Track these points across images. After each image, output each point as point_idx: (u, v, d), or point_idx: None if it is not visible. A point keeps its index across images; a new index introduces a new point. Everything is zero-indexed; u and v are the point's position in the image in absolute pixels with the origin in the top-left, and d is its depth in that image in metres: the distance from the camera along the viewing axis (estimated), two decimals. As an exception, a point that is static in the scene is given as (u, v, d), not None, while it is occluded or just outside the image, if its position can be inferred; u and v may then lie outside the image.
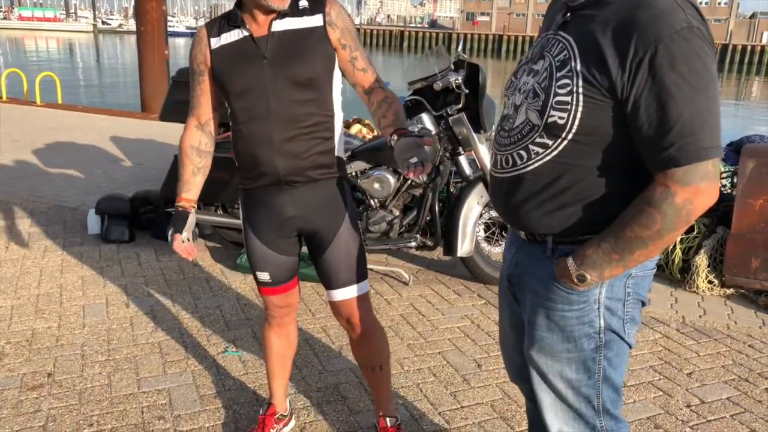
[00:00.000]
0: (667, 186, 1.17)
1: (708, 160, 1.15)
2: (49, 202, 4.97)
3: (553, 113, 1.25)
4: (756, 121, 19.30)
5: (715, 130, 1.16)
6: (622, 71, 1.16)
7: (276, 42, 1.77)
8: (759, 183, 3.61)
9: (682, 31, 1.13)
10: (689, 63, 1.13)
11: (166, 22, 10.23)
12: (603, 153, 1.24)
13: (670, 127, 1.15)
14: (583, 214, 1.29)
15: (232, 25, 1.82)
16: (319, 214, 1.91)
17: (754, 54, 56.76)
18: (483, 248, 3.76)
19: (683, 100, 1.13)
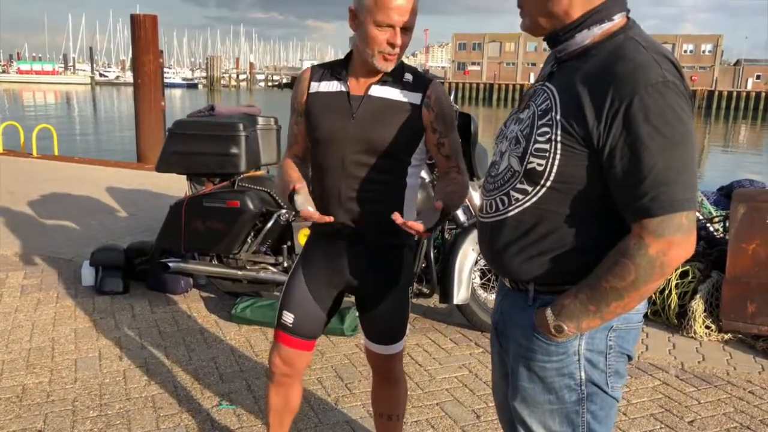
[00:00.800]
0: (642, 237, 1.17)
1: (682, 212, 1.15)
2: (44, 254, 4.95)
3: (532, 160, 1.27)
4: (745, 166, 19.55)
5: (690, 183, 1.16)
6: (599, 122, 1.19)
7: (369, 105, 1.82)
8: (751, 227, 3.64)
9: (657, 84, 1.15)
10: (663, 116, 1.15)
11: (162, 75, 10.41)
12: (580, 201, 1.26)
13: (643, 178, 1.16)
14: (563, 261, 1.30)
15: (335, 76, 1.88)
16: (371, 277, 1.94)
17: (740, 100, 57.97)
18: (479, 295, 3.75)
19: (657, 151, 1.15)
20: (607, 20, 1.27)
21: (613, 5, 1.28)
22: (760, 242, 3.61)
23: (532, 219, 1.31)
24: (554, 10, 1.29)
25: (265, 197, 3.71)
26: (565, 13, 1.29)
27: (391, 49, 1.75)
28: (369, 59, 1.78)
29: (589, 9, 1.27)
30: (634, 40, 1.23)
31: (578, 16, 1.28)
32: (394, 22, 1.72)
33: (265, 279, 3.75)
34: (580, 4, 1.28)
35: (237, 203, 3.55)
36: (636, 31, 1.27)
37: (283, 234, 3.75)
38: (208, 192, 3.70)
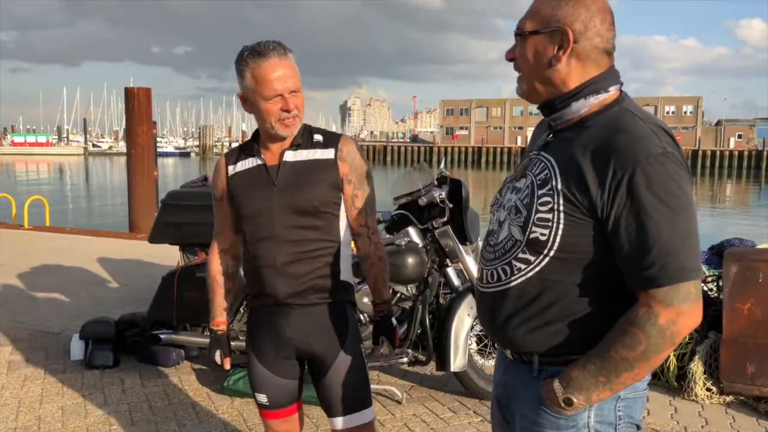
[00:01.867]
0: (650, 306, 1.18)
1: (689, 281, 1.16)
2: (32, 327, 4.86)
3: (535, 229, 1.27)
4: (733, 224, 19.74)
5: (695, 251, 1.18)
6: (602, 191, 1.20)
7: (287, 171, 1.89)
8: (744, 287, 3.64)
9: (658, 156, 1.18)
10: (665, 185, 1.17)
11: (155, 145, 10.55)
12: (585, 270, 1.26)
13: (650, 247, 1.17)
14: (569, 332, 1.28)
15: (248, 154, 1.96)
16: (317, 338, 1.93)
17: (724, 158, 59.15)
18: (476, 361, 3.69)
19: (662, 221, 1.16)
20: (603, 91, 1.31)
21: (609, 77, 1.32)
22: (755, 301, 3.60)
23: (535, 289, 1.30)
24: (552, 78, 1.32)
25: (259, 266, 3.69)
26: (562, 82, 1.32)
27: (287, 114, 1.84)
28: (271, 131, 1.87)
29: (586, 80, 1.31)
30: (630, 112, 1.27)
31: (575, 86, 1.31)
32: (280, 91, 1.81)
33: (258, 349, 3.68)
34: (578, 74, 1.31)
35: (230, 273, 3.52)
36: (629, 102, 1.31)
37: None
38: (200, 262, 3.68)
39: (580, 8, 1.28)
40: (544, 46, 1.31)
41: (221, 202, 2.00)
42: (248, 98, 1.87)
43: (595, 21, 1.28)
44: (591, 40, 1.29)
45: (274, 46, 1.82)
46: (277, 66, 1.80)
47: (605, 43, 1.30)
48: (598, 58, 1.30)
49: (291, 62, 1.84)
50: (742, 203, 29.90)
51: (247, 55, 1.82)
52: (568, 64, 1.30)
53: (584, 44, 1.29)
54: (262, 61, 1.80)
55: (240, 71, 1.85)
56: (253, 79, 1.81)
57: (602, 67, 1.31)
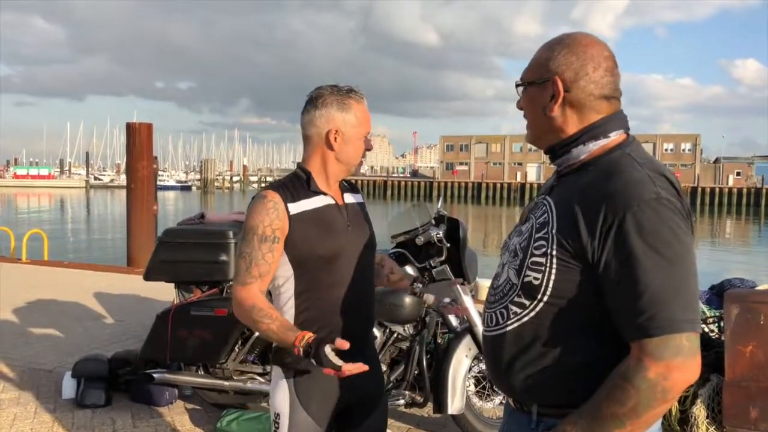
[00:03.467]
0: (640, 359, 1.13)
1: (681, 333, 1.11)
2: (24, 364, 4.79)
3: (529, 273, 1.27)
4: (734, 263, 19.68)
5: (690, 303, 1.13)
6: (592, 237, 1.18)
7: (351, 211, 1.96)
8: (746, 329, 3.60)
9: (650, 201, 1.15)
10: (658, 233, 1.14)
11: (155, 180, 10.58)
12: (579, 318, 1.23)
13: (639, 296, 1.13)
14: (564, 380, 1.25)
15: (312, 191, 1.87)
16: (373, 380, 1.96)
17: (723, 196, 59.38)
18: (474, 403, 3.63)
19: (653, 269, 1.13)
20: (603, 137, 1.30)
21: (610, 122, 1.31)
22: (757, 344, 3.55)
23: (530, 334, 1.28)
24: (550, 126, 1.34)
25: (254, 304, 3.65)
26: (560, 130, 1.33)
27: (367, 153, 1.96)
28: (353, 169, 1.95)
29: (584, 126, 1.31)
30: (629, 157, 1.25)
31: (573, 132, 1.32)
32: (369, 131, 1.97)
33: (252, 390, 3.63)
34: (575, 121, 1.31)
35: (225, 311, 3.49)
36: (633, 147, 1.29)
37: (270, 342, 3.66)
38: (195, 300, 3.65)
39: (571, 57, 1.29)
40: (539, 96, 1.33)
41: (276, 243, 1.80)
42: (346, 133, 1.89)
43: (587, 69, 1.29)
44: (584, 89, 1.29)
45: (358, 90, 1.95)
46: (365, 107, 1.95)
47: (601, 89, 1.29)
48: (595, 105, 1.30)
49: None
50: (742, 241, 29.88)
51: (346, 93, 1.90)
52: (563, 112, 1.31)
53: (576, 92, 1.29)
54: (362, 101, 1.93)
55: (343, 105, 1.88)
56: (356, 116, 1.90)
57: (602, 112, 1.31)
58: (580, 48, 1.30)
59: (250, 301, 1.79)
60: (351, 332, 1.80)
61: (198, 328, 3.55)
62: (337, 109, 1.87)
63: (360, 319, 1.92)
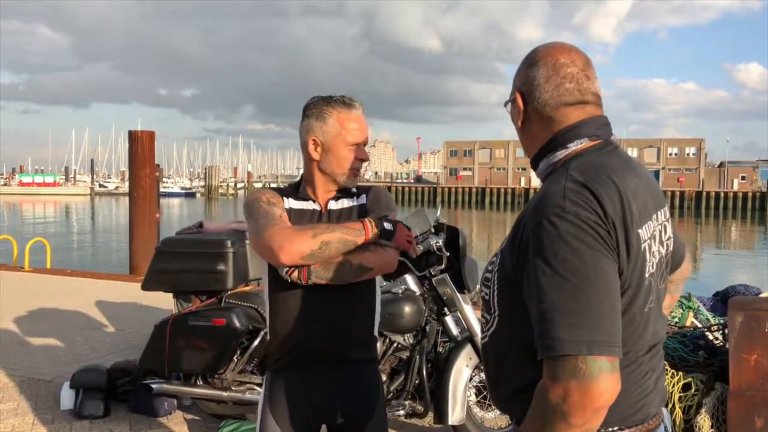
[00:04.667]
0: (544, 378, 1.10)
1: (576, 355, 1.05)
2: (23, 374, 4.77)
3: (483, 288, 1.30)
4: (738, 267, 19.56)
5: (585, 322, 1.06)
6: (515, 253, 1.19)
7: (332, 219, 1.90)
8: (750, 337, 3.55)
9: (551, 216, 1.11)
10: (553, 249, 1.09)
11: (158, 188, 10.59)
12: (520, 335, 1.20)
13: (536, 314, 1.11)
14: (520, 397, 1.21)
15: (300, 197, 1.93)
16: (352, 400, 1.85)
17: (728, 200, 59.18)
18: (475, 413, 3.59)
19: (546, 286, 1.09)
20: (561, 148, 1.27)
21: (570, 132, 1.27)
22: (762, 352, 3.51)
23: (494, 349, 1.29)
24: (525, 141, 1.37)
25: (252, 314, 3.63)
26: (533, 143, 1.34)
27: (360, 163, 1.89)
28: (338, 179, 1.88)
29: (548, 138, 1.29)
30: (563, 169, 1.22)
31: (541, 146, 1.31)
32: (361, 140, 1.88)
33: (251, 400, 3.59)
34: (542, 134, 1.31)
35: (223, 321, 3.46)
36: (587, 157, 1.23)
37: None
38: (193, 310, 3.63)
39: (528, 70, 1.31)
40: (513, 113, 1.36)
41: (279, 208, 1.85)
42: (325, 142, 1.86)
43: (539, 80, 1.28)
44: (538, 99, 1.29)
45: (356, 101, 1.89)
46: (361, 118, 1.89)
47: (559, 98, 1.27)
48: (556, 114, 1.27)
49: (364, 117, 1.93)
50: (746, 246, 29.73)
51: (333, 102, 1.86)
52: (529, 126, 1.32)
53: (533, 104, 1.30)
54: (350, 110, 1.87)
55: (321, 115, 1.85)
56: (338, 124, 1.85)
57: (570, 119, 1.27)
58: (538, 59, 1.30)
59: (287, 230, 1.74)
60: (320, 345, 1.80)
61: (196, 338, 3.52)
62: (316, 118, 1.87)
63: (333, 332, 1.81)
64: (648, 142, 74.32)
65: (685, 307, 4.69)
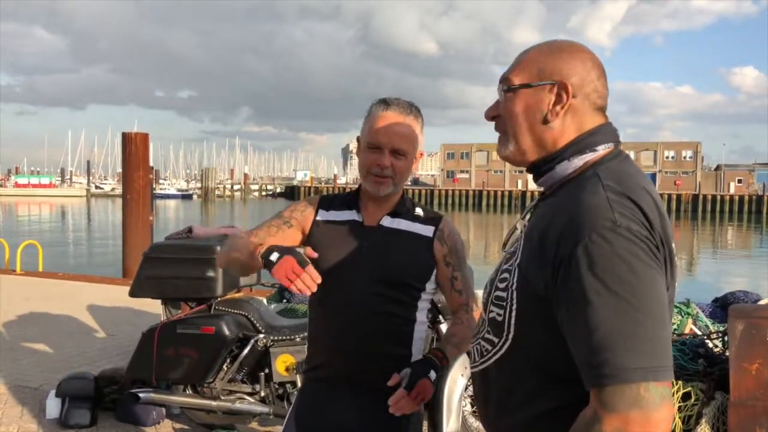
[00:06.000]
0: (596, 409, 1.00)
1: (638, 383, 0.97)
2: (9, 381, 4.67)
3: (492, 308, 1.17)
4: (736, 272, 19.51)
5: (647, 348, 0.98)
6: (548, 271, 1.06)
7: (381, 235, 1.76)
8: (751, 346, 3.48)
9: (603, 230, 1.01)
10: (610, 266, 1.00)
11: (152, 190, 10.50)
12: (545, 359, 1.11)
13: (588, 340, 1.00)
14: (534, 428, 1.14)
15: (346, 205, 1.82)
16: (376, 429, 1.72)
17: (724, 203, 59.30)
18: (471, 424, 3.51)
19: (603, 309, 0.99)
20: (589, 150, 1.16)
21: (599, 134, 1.18)
22: (763, 362, 3.43)
23: (501, 375, 1.18)
24: (544, 137, 1.19)
25: (243, 321, 3.54)
26: (553, 141, 1.19)
27: (380, 170, 1.71)
28: (364, 185, 1.76)
29: (574, 137, 1.18)
30: (596, 178, 1.11)
31: (563, 145, 1.18)
32: (381, 143, 1.70)
33: (240, 410, 3.51)
34: (570, 133, 1.18)
35: (212, 329, 3.38)
36: (609, 164, 1.15)
37: (260, 361, 3.55)
38: (182, 317, 3.54)
39: (576, 62, 1.18)
40: (537, 101, 1.18)
41: (285, 224, 1.79)
42: (360, 143, 1.78)
43: (592, 75, 1.18)
44: (588, 96, 1.18)
45: (401, 102, 1.75)
46: (392, 119, 1.71)
47: (600, 100, 1.19)
48: (592, 116, 1.18)
49: (411, 123, 1.74)
50: (743, 249, 29.73)
51: (378, 102, 1.76)
52: (562, 121, 1.17)
53: (581, 100, 1.17)
54: (382, 110, 1.73)
55: (366, 115, 1.77)
56: (367, 124, 1.75)
57: (590, 125, 1.18)
58: (582, 54, 1.19)
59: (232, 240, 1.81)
60: (342, 363, 1.72)
61: (184, 346, 3.43)
62: (364, 118, 1.79)
63: (357, 351, 1.69)
64: (645, 145, 74.45)
65: (684, 314, 4.62)
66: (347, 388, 1.73)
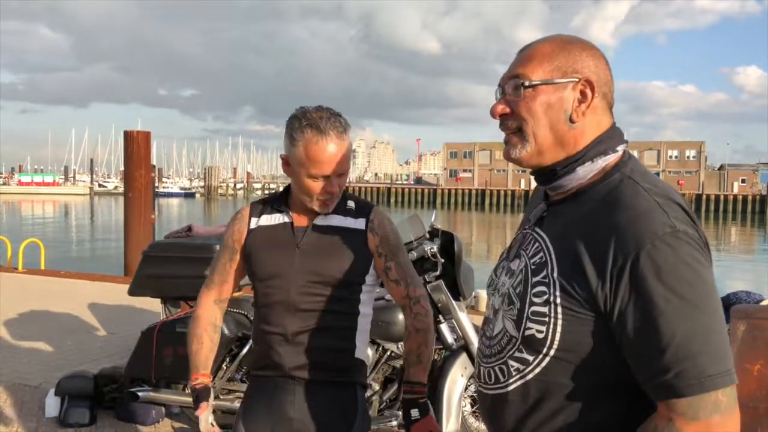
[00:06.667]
0: (671, 419, 0.98)
1: (716, 389, 0.96)
2: (9, 380, 4.67)
3: (531, 325, 1.09)
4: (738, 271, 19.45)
5: (720, 353, 0.97)
6: (602, 281, 1.02)
7: (314, 235, 1.77)
8: (753, 347, 3.45)
9: (665, 236, 0.99)
10: (677, 273, 0.98)
11: (153, 188, 10.50)
12: (593, 372, 1.07)
13: (663, 350, 0.97)
14: None
15: (276, 209, 1.83)
16: (321, 422, 1.75)
17: (728, 203, 59.19)
18: (471, 424, 3.50)
19: (676, 316, 0.97)
20: (611, 151, 1.12)
21: (614, 135, 1.14)
22: (765, 362, 3.41)
23: (537, 393, 1.11)
24: (566, 137, 1.13)
25: (242, 320, 3.53)
26: (575, 142, 1.13)
27: (329, 196, 1.74)
28: (309, 204, 1.76)
29: (596, 136, 1.13)
30: (632, 181, 1.07)
31: (584, 146, 1.12)
32: (328, 173, 1.70)
33: (240, 409, 3.50)
34: (590, 133, 1.13)
35: (211, 328, 3.36)
36: (633, 166, 1.12)
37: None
38: (181, 316, 3.53)
39: (593, 59, 1.14)
40: (560, 99, 1.11)
41: (231, 252, 1.85)
42: (291, 165, 1.75)
43: (607, 73, 1.15)
44: (606, 95, 1.14)
45: (334, 124, 1.69)
46: (333, 147, 1.68)
47: (612, 99, 1.16)
48: (606, 115, 1.15)
49: (347, 142, 1.73)
50: (747, 249, 29.66)
51: (305, 125, 1.68)
52: (584, 121, 1.12)
53: (602, 99, 1.14)
54: (319, 139, 1.67)
55: (292, 137, 1.71)
56: (304, 153, 1.68)
57: (606, 125, 1.14)
58: (595, 51, 1.15)
59: (198, 310, 1.92)
60: (283, 360, 1.74)
61: (183, 345, 3.37)
62: (288, 137, 1.74)
63: (297, 348, 1.73)
64: (648, 144, 74.34)
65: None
66: (293, 384, 1.76)
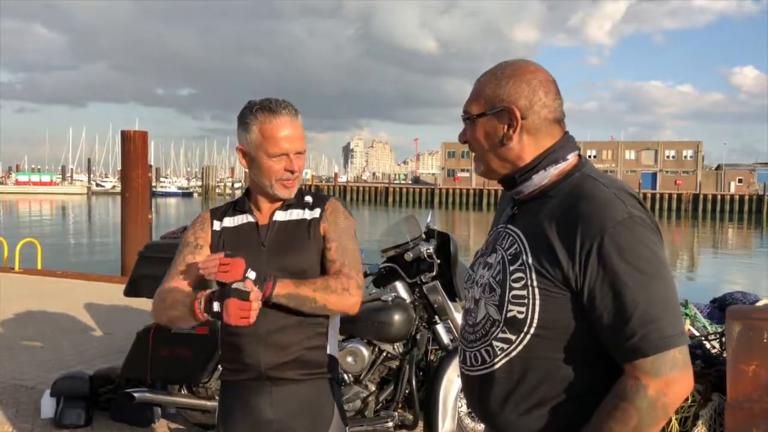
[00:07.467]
0: (638, 378, 1.14)
1: (674, 348, 1.14)
2: (4, 381, 4.66)
3: (512, 307, 1.25)
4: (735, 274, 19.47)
5: (676, 317, 1.16)
6: (572, 263, 1.19)
7: (275, 231, 1.81)
8: (749, 347, 3.46)
9: (624, 221, 1.17)
10: (636, 251, 1.16)
11: (151, 188, 10.48)
12: (569, 345, 1.23)
13: (629, 317, 1.14)
14: (561, 411, 1.24)
15: (238, 210, 1.85)
16: (301, 420, 1.76)
17: (725, 203, 59.23)
18: (467, 425, 3.50)
19: (637, 288, 1.14)
20: (562, 160, 1.31)
21: (566, 145, 1.33)
22: (760, 363, 3.42)
23: (520, 369, 1.27)
24: (507, 156, 1.33)
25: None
26: (517, 158, 1.33)
27: (290, 174, 1.77)
28: (269, 190, 1.78)
29: (541, 151, 1.31)
30: (591, 178, 1.27)
31: (531, 160, 1.32)
32: (287, 150, 1.75)
33: (235, 410, 3.50)
34: (532, 148, 1.31)
35: (206, 329, 3.36)
36: (589, 168, 1.32)
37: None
38: (177, 317, 3.52)
39: (522, 84, 1.30)
40: (493, 127, 1.33)
41: (194, 247, 1.83)
42: (250, 153, 1.78)
43: (539, 94, 1.30)
44: (538, 114, 1.30)
45: (285, 105, 1.77)
46: (288, 125, 1.75)
47: (553, 113, 1.31)
48: (549, 129, 1.32)
49: (300, 123, 1.80)
50: (743, 249, 29.70)
51: (256, 109, 1.76)
52: (520, 140, 1.31)
53: (533, 119, 1.30)
54: (273, 118, 1.74)
55: (245, 125, 1.77)
56: (260, 134, 1.74)
57: (556, 136, 1.32)
58: (528, 75, 1.31)
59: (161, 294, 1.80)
60: (258, 361, 1.75)
61: (179, 346, 3.43)
62: (241, 128, 1.79)
63: (270, 347, 1.74)
64: (645, 144, 74.37)
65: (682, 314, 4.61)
66: (269, 385, 1.77)
